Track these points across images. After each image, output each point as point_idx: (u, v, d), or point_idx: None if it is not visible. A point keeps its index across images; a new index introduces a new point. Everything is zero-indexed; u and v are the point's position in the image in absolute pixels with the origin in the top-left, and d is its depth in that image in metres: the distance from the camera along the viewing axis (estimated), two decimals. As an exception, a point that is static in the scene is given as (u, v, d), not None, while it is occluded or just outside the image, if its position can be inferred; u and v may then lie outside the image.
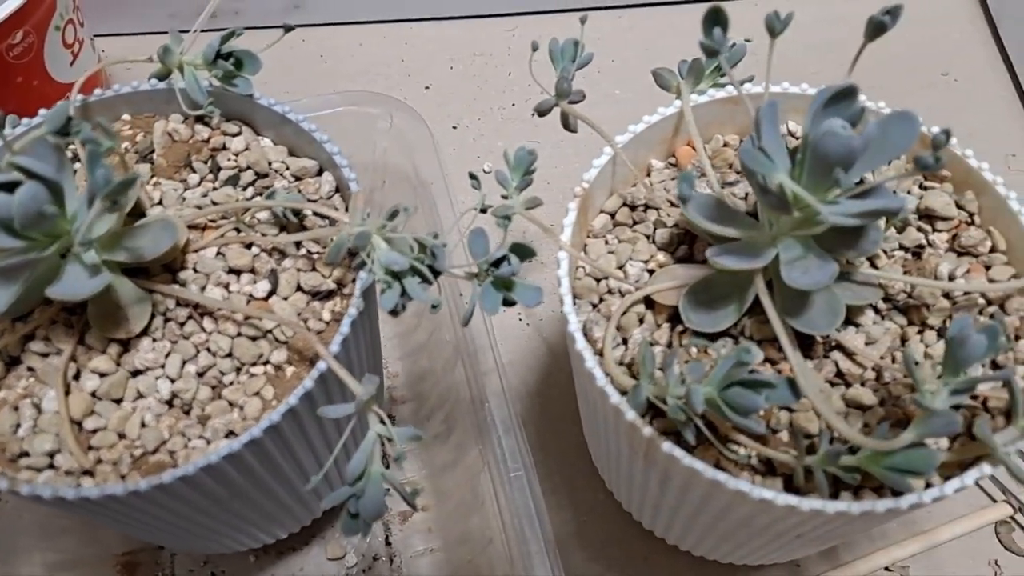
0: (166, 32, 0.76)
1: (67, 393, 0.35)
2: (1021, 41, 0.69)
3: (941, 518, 0.51)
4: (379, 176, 0.60)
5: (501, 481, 0.45)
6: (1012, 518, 0.50)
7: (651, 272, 0.38)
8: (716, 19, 0.32)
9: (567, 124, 0.42)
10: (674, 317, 0.37)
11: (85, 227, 0.31)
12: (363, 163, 0.60)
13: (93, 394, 0.35)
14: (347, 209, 0.41)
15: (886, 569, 0.50)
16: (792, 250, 0.33)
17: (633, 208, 0.40)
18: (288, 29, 0.41)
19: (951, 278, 0.37)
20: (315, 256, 0.39)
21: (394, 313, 0.35)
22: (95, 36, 0.64)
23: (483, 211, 0.40)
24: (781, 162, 0.31)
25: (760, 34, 0.35)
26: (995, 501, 0.51)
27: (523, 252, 0.37)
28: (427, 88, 0.70)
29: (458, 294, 0.51)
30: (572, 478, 0.52)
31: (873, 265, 0.38)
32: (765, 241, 0.34)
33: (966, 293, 0.36)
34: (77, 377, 0.35)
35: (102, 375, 0.35)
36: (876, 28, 0.33)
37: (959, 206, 0.39)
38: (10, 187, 0.31)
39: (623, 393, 0.34)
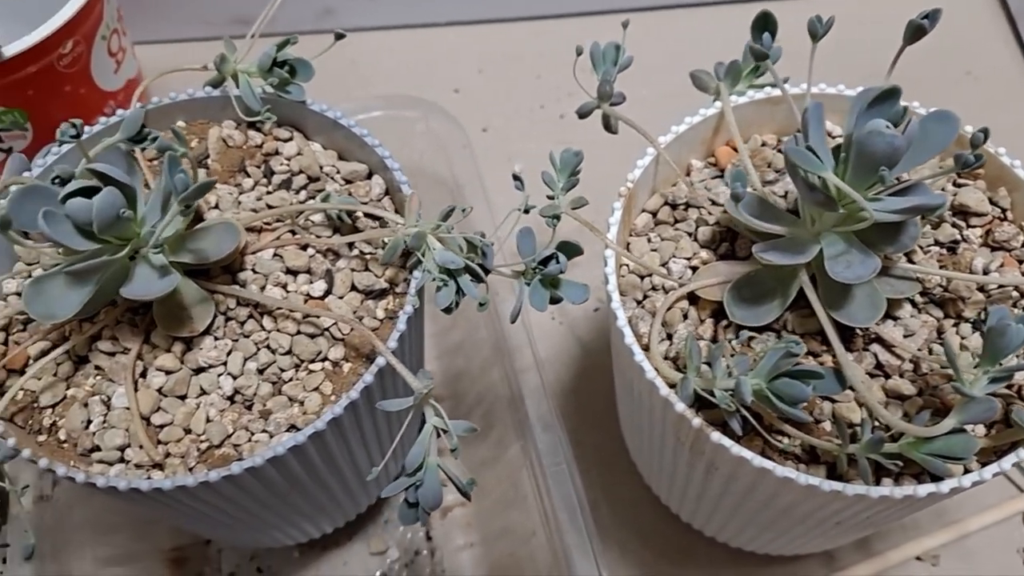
0: (201, 39, 0.78)
1: (135, 390, 0.36)
2: (1041, 40, 0.70)
3: (971, 508, 0.52)
4: (415, 178, 0.61)
5: (543, 476, 0.46)
6: (1041, 508, 0.51)
7: (694, 269, 0.40)
8: (765, 24, 0.33)
9: (608, 126, 0.43)
10: (717, 312, 0.39)
11: (162, 229, 0.32)
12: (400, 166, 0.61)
13: (159, 391, 0.36)
14: (396, 211, 0.42)
15: (917, 559, 0.51)
16: (835, 246, 0.34)
17: (674, 207, 0.42)
18: (339, 37, 0.42)
19: (985, 272, 0.38)
20: (367, 256, 0.40)
21: (448, 310, 0.37)
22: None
23: (526, 211, 0.41)
24: (827, 161, 0.32)
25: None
26: (1023, 491, 0.52)
27: (570, 250, 0.38)
28: (456, 91, 0.71)
29: (494, 293, 0.52)
30: (608, 473, 0.53)
31: (910, 260, 0.39)
32: (808, 237, 0.35)
33: (1000, 286, 0.38)
34: (144, 375, 0.36)
35: (167, 372, 0.36)
36: (916, 31, 0.34)
37: (992, 202, 0.40)
38: (86, 192, 0.32)
39: (671, 386, 0.35)
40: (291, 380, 0.37)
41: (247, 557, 0.51)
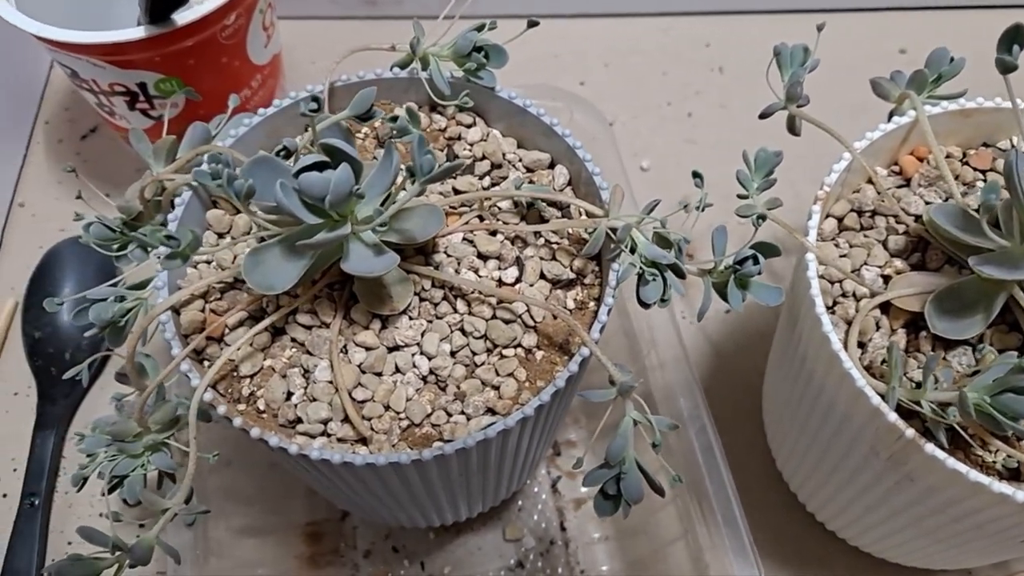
0: (327, 17, 0.78)
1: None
2: None
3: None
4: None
5: (696, 475, 0.46)
6: None
7: (885, 278, 0.39)
8: (1016, 36, 0.33)
9: (792, 128, 0.43)
10: (909, 323, 0.38)
11: (395, 209, 0.32)
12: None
13: (359, 367, 0.36)
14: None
15: (1056, 582, 0.50)
16: (1051, 263, 0.34)
17: (860, 213, 0.41)
18: (532, 24, 0.42)
19: None
20: (554, 246, 0.40)
21: (647, 305, 0.37)
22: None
23: (701, 209, 0.40)
24: (1066, 178, 0.32)
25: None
26: None
27: (768, 250, 0.38)
28: (582, 84, 0.71)
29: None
30: (742, 476, 0.53)
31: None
32: (1019, 253, 0.35)
33: None
34: (344, 350, 0.37)
35: (367, 349, 0.37)
36: None
37: None
38: (317, 167, 0.32)
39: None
40: (483, 364, 0.37)
41: (382, 536, 0.52)
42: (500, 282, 0.39)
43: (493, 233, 0.40)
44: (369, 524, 0.52)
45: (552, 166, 0.43)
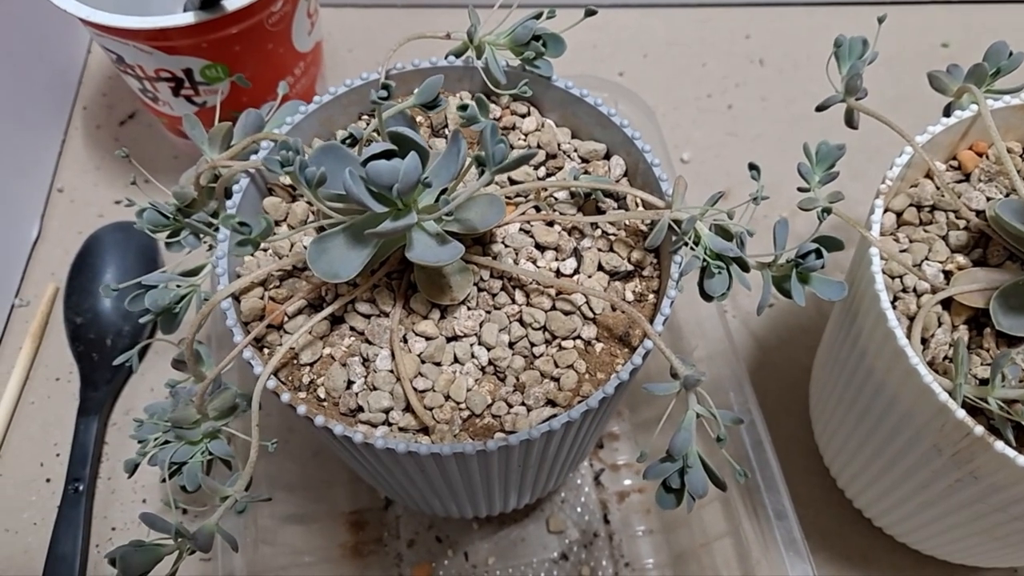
0: (364, 5, 0.77)
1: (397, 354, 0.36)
2: None
3: None
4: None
5: (747, 469, 0.46)
6: None
7: (946, 273, 0.39)
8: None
9: (851, 121, 0.42)
10: (971, 319, 0.38)
11: (463, 197, 0.32)
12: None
13: (419, 356, 0.36)
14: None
15: (1104, 581, 0.50)
16: (1126, 260, 0.34)
17: (919, 208, 0.41)
18: (590, 13, 0.42)
19: None
20: (611, 237, 0.40)
21: (709, 298, 0.37)
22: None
23: (756, 201, 0.40)
24: None
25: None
26: None
27: (831, 244, 0.37)
28: (620, 75, 0.71)
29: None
30: (786, 471, 0.53)
31: None
32: (1089, 249, 0.34)
33: None
34: (404, 339, 0.37)
35: (427, 338, 0.36)
36: None
37: None
38: (384, 155, 0.32)
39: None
40: (542, 356, 0.37)
41: (426, 525, 0.52)
42: (558, 273, 0.38)
43: (550, 224, 0.40)
44: (412, 514, 0.52)
45: (607, 156, 0.43)
